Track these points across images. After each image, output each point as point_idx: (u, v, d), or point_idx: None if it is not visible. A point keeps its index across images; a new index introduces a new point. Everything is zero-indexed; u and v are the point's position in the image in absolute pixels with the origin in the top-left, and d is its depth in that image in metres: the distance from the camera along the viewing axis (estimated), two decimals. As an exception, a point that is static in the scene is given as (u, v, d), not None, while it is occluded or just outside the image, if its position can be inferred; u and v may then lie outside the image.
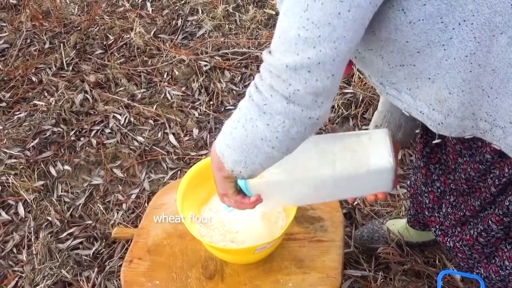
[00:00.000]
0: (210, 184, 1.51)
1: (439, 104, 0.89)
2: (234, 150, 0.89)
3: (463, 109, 0.88)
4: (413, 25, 0.80)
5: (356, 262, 1.64)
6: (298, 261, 1.42)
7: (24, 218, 1.93)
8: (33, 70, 2.59)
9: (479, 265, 1.21)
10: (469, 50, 0.81)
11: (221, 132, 0.92)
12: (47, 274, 1.70)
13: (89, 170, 2.10)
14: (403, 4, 0.78)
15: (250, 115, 0.84)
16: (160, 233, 1.55)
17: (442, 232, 1.27)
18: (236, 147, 0.88)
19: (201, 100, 2.34)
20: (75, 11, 2.98)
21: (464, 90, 0.85)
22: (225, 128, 0.91)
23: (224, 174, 0.96)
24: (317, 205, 1.57)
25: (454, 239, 1.22)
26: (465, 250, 1.19)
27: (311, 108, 0.80)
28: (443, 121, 0.92)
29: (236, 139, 0.88)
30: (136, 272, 1.45)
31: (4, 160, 2.13)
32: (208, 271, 1.42)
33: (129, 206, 1.92)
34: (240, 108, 0.87)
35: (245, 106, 0.86)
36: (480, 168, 1.04)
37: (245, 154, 0.88)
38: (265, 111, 0.82)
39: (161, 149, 2.15)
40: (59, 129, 2.27)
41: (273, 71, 0.79)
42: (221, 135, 0.92)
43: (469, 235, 1.16)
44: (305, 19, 0.74)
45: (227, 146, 0.90)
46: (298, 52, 0.76)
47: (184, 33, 2.74)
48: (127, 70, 2.53)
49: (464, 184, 1.13)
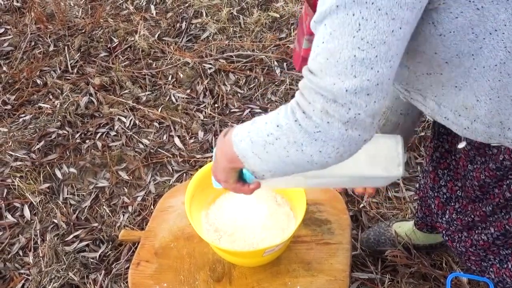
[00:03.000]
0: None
1: (465, 111, 0.89)
2: (265, 162, 0.86)
3: (490, 117, 0.89)
4: (443, 38, 0.79)
5: (363, 265, 1.64)
6: (306, 264, 1.42)
7: (30, 221, 1.93)
8: (37, 72, 2.60)
9: (491, 269, 1.20)
10: (499, 60, 0.81)
11: (245, 137, 0.87)
12: (54, 276, 1.70)
13: (95, 173, 2.10)
14: (434, 17, 0.77)
15: (295, 139, 0.79)
16: (167, 235, 1.55)
17: (449, 237, 1.27)
18: (270, 161, 0.85)
19: (206, 102, 2.35)
20: (79, 13, 2.98)
21: (492, 98, 0.86)
22: (253, 136, 0.86)
23: (233, 166, 0.94)
24: (324, 208, 1.58)
25: (464, 245, 1.22)
26: (480, 252, 1.19)
27: (368, 130, 0.77)
28: (469, 126, 0.92)
29: (271, 155, 0.84)
30: (144, 274, 1.45)
31: (10, 162, 2.14)
32: (216, 274, 1.42)
33: (135, 209, 1.93)
34: (279, 126, 0.81)
35: (288, 127, 0.80)
36: (497, 175, 1.04)
37: (278, 167, 0.86)
38: (317, 138, 0.77)
39: (166, 151, 2.15)
40: (64, 131, 2.27)
41: (326, 95, 0.75)
42: (246, 140, 0.87)
43: (482, 240, 1.16)
44: (359, 39, 0.72)
45: (254, 155, 0.86)
46: (356, 74, 0.73)
47: (189, 36, 2.75)
48: (131, 73, 2.54)
49: (478, 191, 1.12)
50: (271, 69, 2.48)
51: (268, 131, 0.83)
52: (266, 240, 1.37)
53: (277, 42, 2.61)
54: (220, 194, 1.54)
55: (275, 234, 1.37)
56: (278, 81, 2.41)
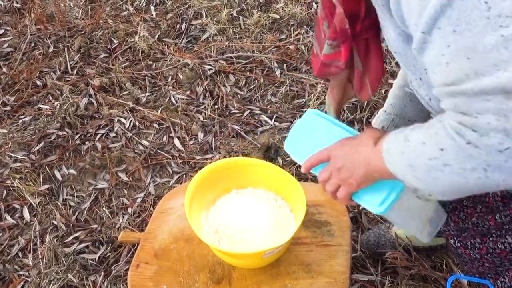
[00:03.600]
0: (217, 188, 1.52)
1: None
2: (434, 186, 0.79)
3: None
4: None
5: (363, 267, 1.64)
6: (306, 266, 1.42)
7: (30, 222, 1.93)
8: (37, 74, 2.60)
9: (506, 273, 1.19)
10: None
11: (399, 158, 0.81)
12: (53, 278, 1.70)
13: (94, 174, 2.10)
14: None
15: (472, 165, 0.70)
16: (167, 237, 1.54)
17: (462, 244, 1.25)
18: (439, 185, 0.78)
19: (206, 104, 2.35)
20: (79, 15, 2.98)
21: None
22: (411, 159, 0.78)
23: (381, 177, 0.89)
24: (324, 210, 1.57)
25: (479, 252, 1.20)
26: (495, 260, 1.17)
27: None
28: None
29: (441, 181, 0.76)
30: (143, 276, 1.45)
31: (9, 164, 2.13)
32: (216, 276, 1.42)
33: (135, 210, 1.92)
34: (443, 150, 0.73)
35: (457, 151, 0.71)
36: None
37: (451, 192, 0.79)
38: (507, 155, 0.67)
39: (166, 153, 2.15)
40: (64, 133, 2.27)
41: (493, 93, 0.64)
42: (403, 163, 0.80)
43: (499, 249, 1.14)
44: (496, 17, 0.61)
45: (417, 179, 0.79)
46: None
47: (188, 37, 2.75)
48: (131, 74, 2.53)
49: (500, 202, 1.10)
50: (271, 70, 2.48)
51: (430, 155, 0.75)
52: (266, 242, 1.37)
53: (277, 43, 2.61)
54: (220, 195, 1.54)
55: (275, 236, 1.37)
56: (278, 82, 2.41)
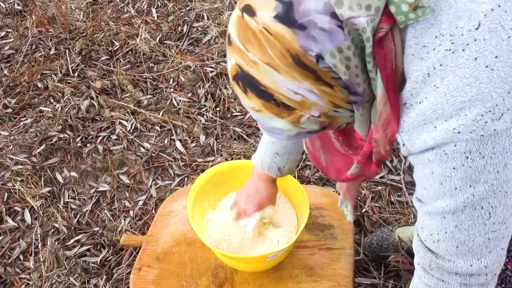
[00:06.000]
0: (220, 190, 1.52)
1: None
2: None
3: None
4: None
5: (366, 270, 1.63)
6: (309, 269, 1.42)
7: (31, 225, 1.92)
8: (38, 76, 2.59)
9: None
10: None
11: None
12: (55, 281, 1.69)
13: (96, 177, 2.09)
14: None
15: None
16: (169, 240, 1.54)
17: None
18: None
19: (208, 106, 2.34)
20: (80, 17, 2.98)
21: None
22: None
23: None
24: (326, 213, 1.57)
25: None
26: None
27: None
28: None
29: None
30: (145, 280, 1.45)
31: (11, 166, 2.13)
32: (218, 279, 1.42)
33: (136, 213, 1.92)
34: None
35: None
36: None
37: None
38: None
39: (167, 155, 2.14)
40: (65, 135, 2.26)
41: (464, 273, 0.81)
42: None
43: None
44: (491, 224, 0.75)
45: None
46: (491, 249, 0.78)
47: (190, 39, 2.74)
48: (133, 76, 2.53)
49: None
50: (272, 72, 2.47)
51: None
52: (269, 245, 1.36)
53: (279, 46, 2.60)
54: (222, 198, 1.54)
55: (278, 239, 1.37)
56: (279, 84, 2.40)
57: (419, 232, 0.86)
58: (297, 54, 0.69)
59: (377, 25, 0.69)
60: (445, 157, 0.72)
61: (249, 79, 0.74)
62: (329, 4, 0.68)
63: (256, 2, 0.71)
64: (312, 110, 0.74)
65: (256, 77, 0.73)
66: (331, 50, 0.69)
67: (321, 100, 0.73)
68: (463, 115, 0.69)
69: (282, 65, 0.70)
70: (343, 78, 0.71)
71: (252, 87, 0.74)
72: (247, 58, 0.73)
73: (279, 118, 0.76)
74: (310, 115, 0.75)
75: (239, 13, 0.74)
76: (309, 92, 0.72)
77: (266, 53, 0.70)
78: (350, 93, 0.74)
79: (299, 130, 0.79)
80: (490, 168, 0.71)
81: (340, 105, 0.75)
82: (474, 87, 0.67)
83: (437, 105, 0.70)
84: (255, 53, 0.71)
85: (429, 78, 0.71)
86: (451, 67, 0.69)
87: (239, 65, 0.74)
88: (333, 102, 0.74)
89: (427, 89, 0.71)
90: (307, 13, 0.68)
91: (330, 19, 0.68)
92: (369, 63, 0.72)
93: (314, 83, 0.71)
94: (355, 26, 0.68)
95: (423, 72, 0.71)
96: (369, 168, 0.97)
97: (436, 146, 0.72)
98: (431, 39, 0.70)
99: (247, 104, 0.78)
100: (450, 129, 0.70)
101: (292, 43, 0.69)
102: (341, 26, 0.68)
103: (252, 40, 0.71)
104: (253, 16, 0.71)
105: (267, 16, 0.70)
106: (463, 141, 0.70)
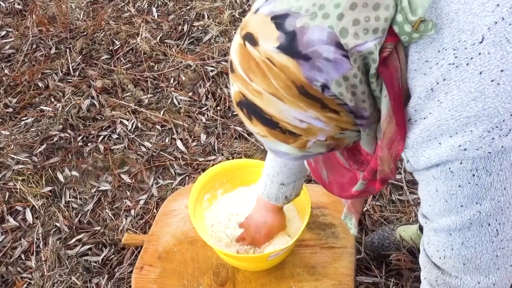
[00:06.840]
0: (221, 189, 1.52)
1: None
2: None
3: None
4: None
5: (367, 269, 1.63)
6: (310, 268, 1.42)
7: (32, 224, 1.92)
8: (39, 75, 2.59)
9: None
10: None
11: None
12: (57, 280, 1.69)
13: (97, 176, 2.09)
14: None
15: None
16: (171, 239, 1.54)
17: None
18: None
19: (208, 105, 2.34)
20: (81, 16, 2.98)
21: None
22: None
23: None
24: (328, 212, 1.57)
25: None
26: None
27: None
28: None
29: None
30: (147, 279, 1.45)
31: (12, 166, 2.13)
32: (220, 278, 1.42)
33: (138, 212, 1.92)
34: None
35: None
36: None
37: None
38: None
39: (168, 154, 2.14)
40: (66, 134, 2.27)
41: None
42: None
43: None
44: (498, 242, 0.74)
45: None
46: (499, 266, 0.77)
47: (190, 38, 2.74)
48: (133, 76, 2.53)
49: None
50: (273, 71, 2.47)
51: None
52: (271, 244, 1.36)
53: (279, 45, 2.60)
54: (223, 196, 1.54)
55: (279, 238, 1.37)
56: (280, 83, 2.40)
57: (425, 247, 0.85)
58: (302, 84, 0.68)
59: (382, 45, 0.68)
60: (450, 174, 0.71)
61: (253, 108, 0.73)
62: (333, 34, 0.66)
63: (258, 31, 0.70)
64: (318, 135, 0.73)
65: (261, 106, 0.72)
66: (337, 79, 0.67)
67: (327, 126, 0.72)
68: (469, 131, 0.67)
69: (287, 95, 0.69)
70: (349, 105, 0.70)
71: (256, 115, 0.73)
72: (251, 88, 0.71)
73: (284, 143, 0.75)
74: (316, 139, 0.74)
75: (241, 40, 0.73)
76: (315, 119, 0.71)
77: (270, 84, 0.69)
78: (356, 117, 0.73)
79: (305, 154, 0.78)
80: (497, 185, 0.69)
81: (347, 128, 0.74)
82: (479, 102, 0.65)
83: (442, 121, 0.69)
84: (259, 83, 0.70)
85: (433, 93, 0.69)
86: (455, 81, 0.67)
87: (243, 93, 0.73)
88: (340, 126, 0.73)
89: (431, 105, 0.70)
90: (311, 43, 0.66)
91: (335, 49, 0.66)
92: (372, 83, 0.70)
93: (320, 111, 0.70)
94: (361, 53, 0.67)
95: (427, 87, 0.70)
96: (374, 185, 0.96)
97: (441, 163, 0.71)
98: (433, 53, 0.69)
99: (252, 130, 0.77)
100: (456, 146, 0.68)
101: (296, 74, 0.67)
102: (347, 56, 0.66)
103: (256, 70, 0.70)
104: (256, 46, 0.69)
105: (270, 46, 0.68)
106: (469, 159, 0.68)
